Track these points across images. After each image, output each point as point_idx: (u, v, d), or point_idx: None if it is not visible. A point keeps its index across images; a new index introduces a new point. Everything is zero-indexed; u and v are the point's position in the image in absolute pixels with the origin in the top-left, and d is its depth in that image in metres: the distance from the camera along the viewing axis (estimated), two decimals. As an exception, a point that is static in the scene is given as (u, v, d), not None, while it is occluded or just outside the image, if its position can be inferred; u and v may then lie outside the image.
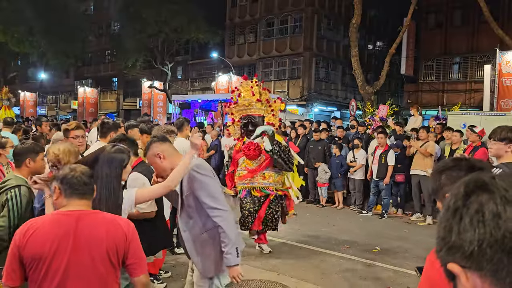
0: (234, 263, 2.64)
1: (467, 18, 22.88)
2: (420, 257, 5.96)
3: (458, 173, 1.40)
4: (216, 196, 2.68)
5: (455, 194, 0.75)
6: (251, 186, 5.71)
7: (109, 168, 2.42)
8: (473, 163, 1.42)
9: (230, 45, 29.77)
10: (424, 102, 23.12)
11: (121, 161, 2.48)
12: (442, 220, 0.75)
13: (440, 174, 1.46)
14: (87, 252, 1.95)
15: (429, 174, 8.19)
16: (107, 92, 37.90)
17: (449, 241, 0.72)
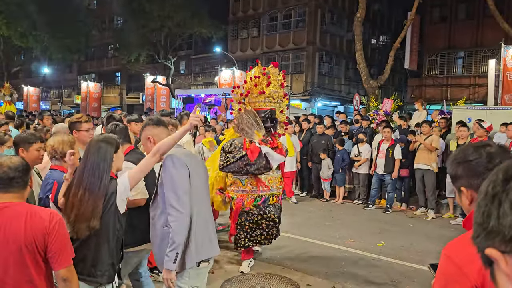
0: (168, 267, 2.57)
1: (472, 12, 22.73)
2: (425, 251, 5.97)
3: (476, 168, 1.37)
4: (178, 194, 2.59)
5: (493, 180, 0.74)
6: (271, 194, 5.02)
7: (97, 156, 2.49)
8: (493, 157, 1.37)
9: (233, 39, 29.69)
10: (428, 97, 23.02)
11: (108, 149, 2.54)
12: (480, 206, 0.74)
13: (458, 164, 1.43)
14: (6, 244, 2.00)
15: (433, 169, 8.19)
16: (110, 86, 37.93)
17: (487, 226, 0.72)
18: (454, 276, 1.20)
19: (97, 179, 2.45)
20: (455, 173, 1.44)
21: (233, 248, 5.23)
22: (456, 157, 1.47)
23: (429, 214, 8.21)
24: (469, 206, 1.41)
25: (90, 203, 2.39)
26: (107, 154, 2.54)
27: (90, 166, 2.48)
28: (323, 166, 9.46)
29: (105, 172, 2.50)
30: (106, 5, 34.51)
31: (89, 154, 2.53)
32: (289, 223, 7.48)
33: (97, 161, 2.49)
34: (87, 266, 2.44)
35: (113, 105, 36.15)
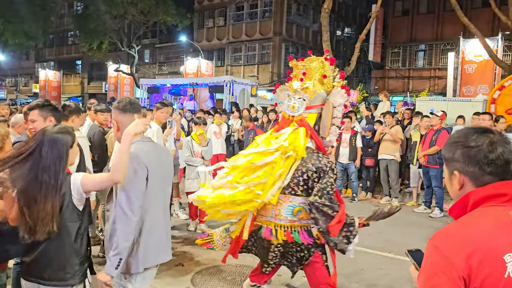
0: (109, 272, 2.39)
1: (433, 6, 23.44)
2: (391, 240, 6.13)
3: (476, 155, 1.35)
4: (131, 198, 2.40)
5: None
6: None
7: (51, 150, 2.20)
8: (494, 147, 1.34)
9: (199, 28, 29.28)
10: (391, 88, 23.64)
11: (65, 142, 2.27)
12: None
13: (456, 148, 1.39)
14: None
15: (396, 158, 8.42)
16: (70, 75, 36.62)
17: None
18: (441, 267, 1.20)
19: (54, 180, 2.18)
20: (452, 155, 1.40)
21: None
22: (456, 139, 1.41)
23: (393, 202, 8.44)
24: (459, 192, 1.39)
25: (49, 207, 2.15)
26: (63, 149, 2.26)
27: (44, 164, 2.19)
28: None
29: (61, 170, 2.23)
30: (65, -11, 33.16)
31: (42, 148, 2.20)
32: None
33: (52, 158, 2.20)
34: (55, 271, 2.29)
35: (74, 94, 34.96)
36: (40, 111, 3.05)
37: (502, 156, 1.34)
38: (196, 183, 6.10)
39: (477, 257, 1.18)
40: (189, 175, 6.27)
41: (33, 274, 2.30)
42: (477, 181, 1.35)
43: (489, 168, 1.33)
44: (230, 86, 14.45)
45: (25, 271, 2.35)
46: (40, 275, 2.28)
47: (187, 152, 6.28)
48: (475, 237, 1.21)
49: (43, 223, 2.14)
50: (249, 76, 23.60)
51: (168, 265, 4.84)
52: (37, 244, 2.25)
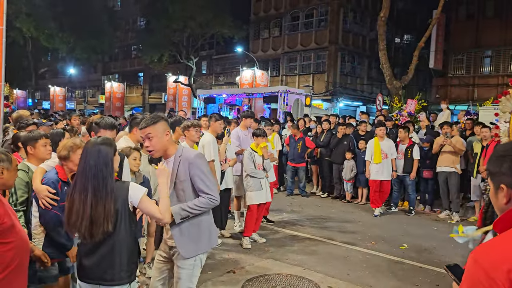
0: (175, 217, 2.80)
1: (500, 9, 22.13)
2: (448, 255, 5.85)
3: None
4: (211, 188, 2.92)
5: None
6: None
7: (97, 159, 2.45)
8: None
9: (254, 39, 29.72)
10: (454, 97, 22.54)
11: (107, 151, 2.52)
12: None
13: (503, 161, 1.35)
14: None
15: (457, 170, 8.01)
16: (133, 86, 38.54)
17: None
18: (481, 281, 1.17)
19: (102, 184, 2.42)
20: (499, 169, 1.36)
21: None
22: (503, 153, 1.38)
23: (453, 217, 8.04)
24: (505, 206, 1.35)
25: (100, 208, 2.38)
26: (108, 157, 2.50)
27: (91, 170, 2.44)
28: (346, 167, 9.37)
29: (108, 175, 2.47)
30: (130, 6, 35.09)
31: (87, 157, 2.48)
32: (310, 224, 7.45)
33: (98, 165, 2.45)
34: (117, 272, 2.47)
35: (136, 105, 36.71)
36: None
37: None
38: (259, 196, 6.11)
39: None
40: (252, 187, 6.07)
41: (94, 277, 2.48)
42: None
43: None
44: (284, 96, 14.53)
45: (83, 273, 2.52)
46: (102, 277, 2.46)
47: (250, 164, 6.07)
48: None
49: (96, 224, 2.37)
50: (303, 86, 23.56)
51: (220, 272, 4.95)
52: (97, 246, 2.45)
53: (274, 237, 6.56)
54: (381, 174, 8.19)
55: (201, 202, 2.85)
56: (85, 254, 2.51)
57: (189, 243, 2.87)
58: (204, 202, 2.86)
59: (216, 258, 5.45)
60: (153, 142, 2.81)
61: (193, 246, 2.89)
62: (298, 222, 7.58)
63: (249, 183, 6.08)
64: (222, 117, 6.33)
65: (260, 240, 6.22)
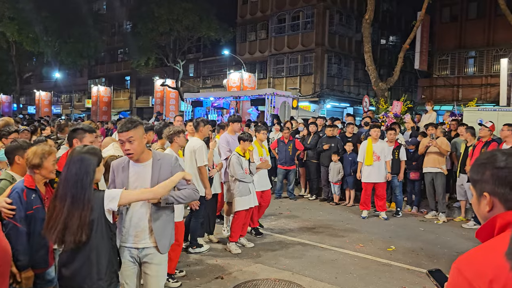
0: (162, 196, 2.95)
1: (483, 11, 22.48)
2: (435, 256, 5.90)
3: (507, 176, 1.31)
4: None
5: None
6: None
7: (79, 168, 2.47)
8: None
9: (241, 42, 29.75)
10: (439, 97, 22.83)
11: (91, 161, 2.53)
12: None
13: (485, 169, 1.36)
14: None
15: (443, 171, 8.10)
16: (120, 90, 38.27)
17: None
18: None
19: (80, 193, 2.44)
20: (481, 176, 1.37)
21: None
22: (484, 161, 1.39)
23: (440, 217, 8.12)
24: (488, 214, 1.35)
25: (76, 217, 2.39)
26: (89, 166, 2.52)
27: (71, 179, 2.46)
28: (333, 170, 9.41)
29: (87, 185, 2.48)
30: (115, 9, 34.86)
31: (70, 165, 2.50)
32: (298, 227, 7.46)
33: (79, 174, 2.47)
34: (95, 281, 2.48)
35: (123, 108, 36.45)
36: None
37: None
38: (248, 201, 6.08)
39: (500, 282, 1.15)
40: (241, 192, 6.02)
41: (73, 286, 2.48)
42: (508, 203, 1.32)
43: None
44: (271, 99, 14.54)
45: (63, 283, 2.53)
46: (81, 286, 2.47)
47: (239, 168, 5.98)
48: (499, 262, 1.18)
49: (69, 232, 2.38)
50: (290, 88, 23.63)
51: (208, 278, 4.93)
52: (74, 256, 2.45)
53: (263, 241, 6.55)
54: (372, 176, 8.18)
55: (187, 192, 3.00)
56: (63, 264, 2.51)
57: (164, 239, 3.02)
58: (190, 193, 3.01)
59: (204, 264, 5.42)
60: (134, 146, 2.87)
61: (167, 242, 3.06)
62: (287, 225, 7.58)
63: (238, 188, 6.04)
64: (209, 121, 6.30)
65: (248, 244, 6.21)
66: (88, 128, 3.40)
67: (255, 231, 6.80)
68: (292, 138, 10.01)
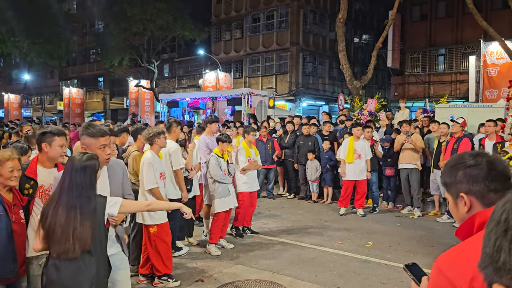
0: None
1: (451, 10, 23.09)
2: (412, 251, 6.03)
3: (478, 173, 1.36)
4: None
5: (507, 209, 0.70)
6: None
7: (84, 177, 2.49)
8: (494, 164, 1.37)
9: (216, 41, 29.64)
10: (411, 94, 23.32)
11: (94, 168, 2.56)
12: (490, 235, 0.70)
13: (457, 170, 1.41)
14: None
15: (417, 167, 8.28)
16: (93, 92, 37.53)
17: (497, 260, 0.69)
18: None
19: (87, 201, 2.47)
20: (454, 178, 1.41)
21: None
22: (454, 163, 1.44)
23: (415, 212, 8.30)
24: (467, 214, 1.38)
25: (88, 226, 2.42)
26: (93, 175, 2.55)
27: (77, 188, 2.46)
28: (310, 168, 9.49)
29: (93, 194, 2.52)
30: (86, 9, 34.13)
31: (73, 174, 2.49)
32: (278, 227, 7.49)
33: (84, 184, 2.49)
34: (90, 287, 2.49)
35: (97, 110, 35.77)
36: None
37: (503, 172, 1.37)
38: (227, 202, 6.06)
39: (479, 280, 1.17)
40: (220, 193, 5.97)
41: None
42: (484, 199, 1.36)
43: (493, 185, 1.35)
44: (248, 98, 14.54)
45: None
46: None
47: (218, 170, 5.92)
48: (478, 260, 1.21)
49: (81, 242, 2.40)
50: (266, 88, 23.69)
51: (188, 281, 4.89)
52: (72, 264, 2.43)
53: (242, 242, 6.55)
54: (353, 174, 8.26)
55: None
56: (59, 272, 2.45)
57: (124, 241, 3.11)
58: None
59: (184, 268, 5.38)
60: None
61: (125, 244, 3.16)
62: (266, 225, 7.60)
63: (217, 189, 6.00)
64: (182, 122, 6.23)
65: (228, 246, 6.20)
66: (57, 131, 3.29)
67: (236, 231, 6.77)
68: (270, 137, 10.06)
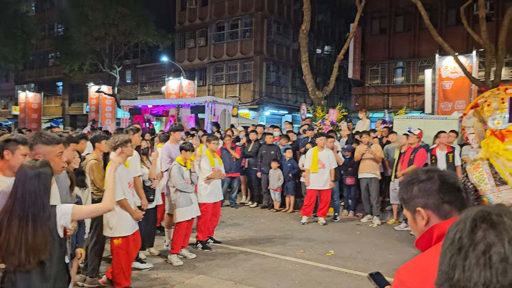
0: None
1: (409, 25, 24.04)
2: (371, 259, 6.18)
3: (432, 186, 1.42)
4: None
5: (460, 229, 0.72)
6: None
7: (38, 184, 2.40)
8: (445, 178, 1.44)
9: (180, 48, 29.44)
10: (371, 105, 24.01)
11: (48, 175, 2.48)
12: (446, 253, 0.72)
13: (412, 185, 1.46)
14: None
15: (377, 176, 8.53)
16: (51, 96, 36.23)
17: (452, 277, 0.70)
18: None
19: (41, 209, 2.38)
20: (411, 194, 1.46)
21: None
22: (409, 178, 1.49)
23: (374, 221, 8.52)
24: (425, 227, 1.43)
25: (40, 235, 2.33)
26: (47, 182, 2.46)
27: (30, 196, 2.38)
28: (273, 177, 9.56)
29: (47, 201, 2.44)
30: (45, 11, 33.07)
31: (26, 182, 2.40)
32: (240, 236, 7.48)
33: (38, 191, 2.40)
34: None
35: (55, 116, 34.58)
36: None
37: (454, 184, 1.44)
38: (190, 211, 5.99)
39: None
40: (182, 203, 5.91)
41: None
42: (440, 211, 1.41)
43: (446, 197, 1.41)
44: (211, 106, 14.51)
45: None
46: None
47: (181, 179, 5.87)
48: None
49: (34, 253, 2.31)
50: (230, 96, 23.71)
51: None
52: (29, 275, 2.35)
53: (205, 251, 6.49)
54: (317, 183, 8.38)
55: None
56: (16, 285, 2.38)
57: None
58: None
59: (145, 279, 5.26)
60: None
61: None
62: (228, 234, 7.58)
63: (179, 198, 5.94)
64: (139, 129, 6.11)
65: (190, 255, 6.12)
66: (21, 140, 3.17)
67: (202, 245, 6.62)
68: (234, 145, 10.07)
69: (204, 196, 6.59)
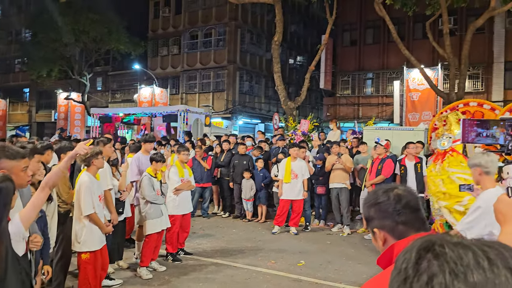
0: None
1: (378, 37, 24.69)
2: (341, 269, 6.26)
3: (387, 208, 1.47)
4: None
5: (406, 259, 0.74)
6: None
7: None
8: (401, 198, 1.48)
9: (153, 56, 29.21)
10: (342, 115, 24.44)
11: (10, 191, 2.33)
12: (393, 283, 0.74)
13: (371, 207, 1.51)
14: None
15: (347, 186, 8.68)
16: (17, 103, 35.13)
17: None
18: None
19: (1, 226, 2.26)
20: (368, 215, 1.52)
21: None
22: (368, 200, 1.54)
23: (345, 230, 8.65)
24: (383, 246, 1.48)
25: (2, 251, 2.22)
26: (8, 197, 2.33)
27: None
28: (245, 187, 9.57)
29: (4, 217, 2.30)
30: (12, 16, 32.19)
31: None
32: (212, 247, 7.44)
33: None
34: None
35: (21, 123, 33.49)
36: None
37: (409, 204, 1.47)
38: (160, 223, 5.92)
39: None
40: (152, 214, 5.83)
41: None
42: (394, 233, 1.46)
43: (400, 218, 1.45)
44: (184, 115, 14.44)
45: None
46: None
47: (151, 190, 5.80)
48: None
49: None
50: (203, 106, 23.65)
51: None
52: None
53: (175, 263, 6.42)
54: (290, 193, 8.44)
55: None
56: None
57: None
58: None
59: None
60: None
61: None
62: (200, 245, 7.53)
63: (149, 210, 5.86)
64: (110, 139, 6.02)
65: (160, 268, 6.04)
66: None
67: (172, 257, 6.54)
68: (206, 155, 10.04)
69: (173, 207, 6.51)
